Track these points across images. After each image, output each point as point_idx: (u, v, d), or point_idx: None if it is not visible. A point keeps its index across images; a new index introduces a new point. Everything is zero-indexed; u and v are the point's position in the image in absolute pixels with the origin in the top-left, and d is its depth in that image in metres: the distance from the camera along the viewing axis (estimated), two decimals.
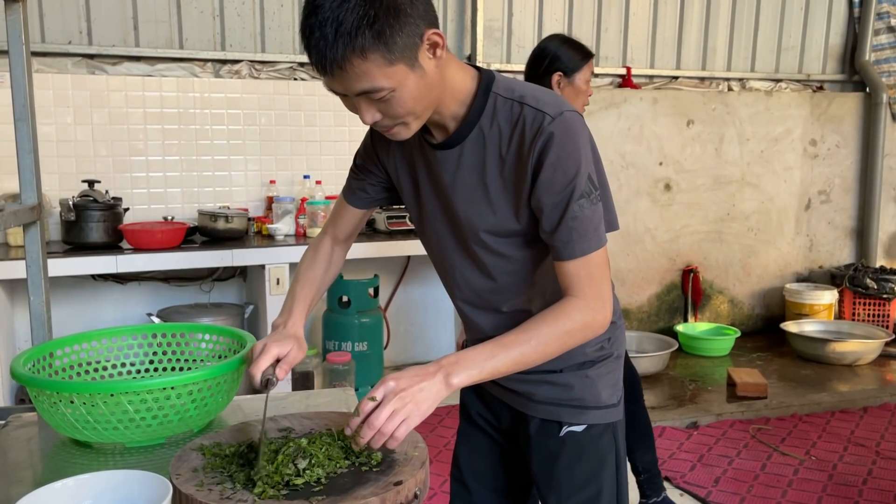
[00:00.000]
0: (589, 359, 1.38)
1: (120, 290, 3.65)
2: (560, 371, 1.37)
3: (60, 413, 1.19)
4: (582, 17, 4.41)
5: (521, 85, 1.24)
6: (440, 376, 1.11)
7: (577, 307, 1.20)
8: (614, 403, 1.42)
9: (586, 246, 1.20)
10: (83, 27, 3.49)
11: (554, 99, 1.22)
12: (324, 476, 1.02)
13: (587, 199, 1.18)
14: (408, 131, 1.19)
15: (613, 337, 1.43)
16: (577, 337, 1.21)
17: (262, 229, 3.63)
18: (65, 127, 3.46)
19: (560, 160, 1.17)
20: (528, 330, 1.19)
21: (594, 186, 1.20)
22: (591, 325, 1.21)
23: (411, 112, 1.14)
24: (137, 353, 1.47)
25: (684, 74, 4.66)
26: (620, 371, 1.46)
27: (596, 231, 1.20)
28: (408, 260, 4.12)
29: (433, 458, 3.05)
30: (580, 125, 1.21)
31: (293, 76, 3.84)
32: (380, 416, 1.05)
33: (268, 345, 1.26)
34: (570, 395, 1.38)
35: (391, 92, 1.09)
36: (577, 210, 1.18)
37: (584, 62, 2.33)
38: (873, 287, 4.63)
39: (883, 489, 2.83)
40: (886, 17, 4.96)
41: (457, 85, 1.21)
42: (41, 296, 1.66)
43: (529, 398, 1.41)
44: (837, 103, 4.98)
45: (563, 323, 1.20)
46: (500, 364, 1.16)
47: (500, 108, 1.21)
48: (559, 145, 1.17)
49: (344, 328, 3.68)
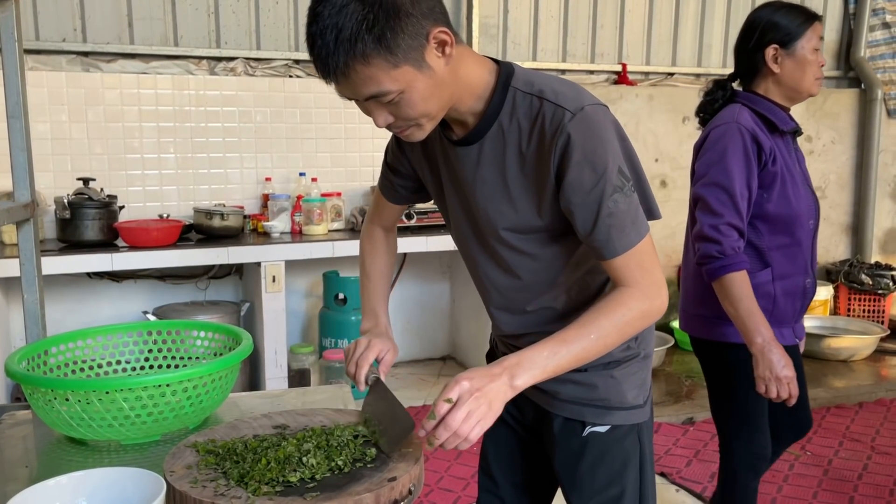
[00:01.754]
0: (614, 359, 1.34)
1: (116, 288, 3.64)
2: (585, 370, 1.33)
3: (55, 410, 1.19)
4: (578, 13, 4.41)
5: (540, 78, 1.20)
6: (505, 378, 1.10)
7: (633, 296, 1.18)
8: (640, 404, 1.37)
9: (627, 240, 1.17)
10: (78, 25, 3.48)
11: (574, 92, 1.18)
12: (318, 473, 1.02)
13: (621, 193, 1.14)
14: (421, 132, 1.16)
15: (641, 336, 1.38)
16: (636, 326, 1.20)
17: (258, 227, 3.62)
18: (60, 125, 3.45)
19: (586, 159, 1.13)
20: (587, 324, 1.17)
21: (626, 178, 1.16)
22: (650, 312, 1.20)
23: (423, 113, 1.12)
24: (133, 350, 1.47)
25: (680, 71, 4.66)
26: (648, 371, 1.41)
27: (634, 223, 1.17)
28: (404, 257, 4.12)
29: (429, 454, 3.06)
30: (603, 118, 1.17)
31: (288, 73, 3.83)
32: (455, 417, 1.05)
33: (371, 343, 1.35)
34: (594, 395, 1.34)
35: (399, 94, 1.08)
36: (611, 206, 1.14)
37: (805, 26, 1.90)
38: (869, 283, 4.64)
39: (878, 484, 2.84)
40: (882, 13, 4.97)
41: (474, 80, 1.18)
42: (35, 293, 1.66)
43: (554, 396, 1.37)
44: (833, 100, 4.98)
45: (622, 313, 1.17)
46: (562, 361, 1.14)
47: (519, 102, 1.18)
48: (583, 144, 1.13)
49: (340, 325, 3.68)
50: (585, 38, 4.45)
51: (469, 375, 1.09)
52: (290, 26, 3.83)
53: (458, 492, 2.77)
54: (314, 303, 4.01)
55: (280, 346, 3.41)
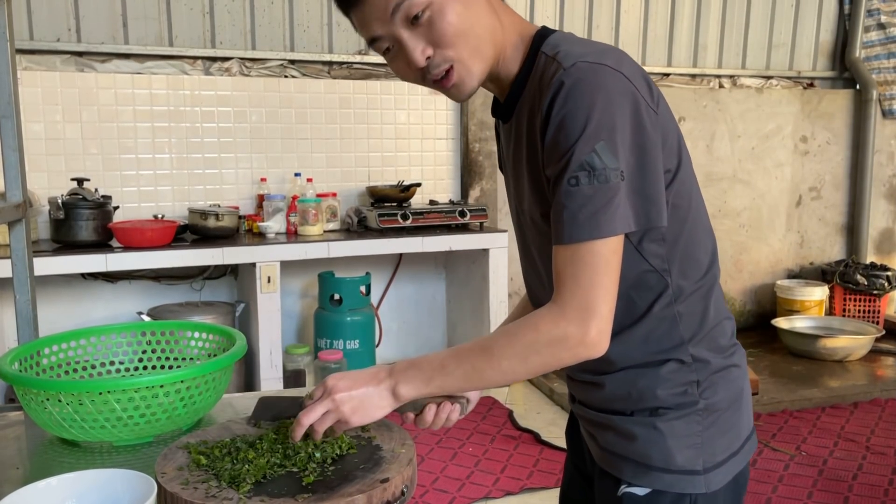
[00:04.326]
0: (662, 404, 1.06)
1: (110, 288, 3.63)
2: (630, 414, 1.08)
3: (47, 412, 1.18)
4: (573, 14, 4.41)
5: (567, 39, 1.03)
6: (388, 384, 1.02)
7: (547, 317, 0.96)
8: (696, 470, 1.06)
9: (575, 231, 0.93)
10: (72, 25, 3.47)
11: (583, 49, 0.98)
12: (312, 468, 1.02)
13: (587, 174, 0.92)
14: (469, 76, 1.01)
15: (707, 382, 1.07)
16: (545, 355, 0.96)
17: (253, 227, 3.62)
18: (53, 125, 3.44)
19: (564, 119, 0.93)
20: (490, 339, 1.00)
21: (606, 159, 0.92)
22: (565, 341, 0.94)
23: (464, 34, 0.98)
24: (126, 351, 1.46)
25: (675, 71, 4.67)
26: (717, 429, 1.08)
27: (594, 216, 0.92)
28: (400, 258, 4.12)
29: (424, 455, 3.05)
30: (603, 79, 0.93)
31: (284, 73, 3.83)
32: (309, 414, 1.02)
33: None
34: (632, 448, 1.08)
35: (428, 7, 0.96)
36: (569, 185, 0.93)
37: None
38: (864, 283, 4.64)
39: (873, 484, 2.85)
40: (877, 13, 4.98)
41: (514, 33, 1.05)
42: (27, 294, 1.65)
43: (595, 440, 1.15)
44: (828, 100, 4.99)
45: (526, 335, 0.96)
46: (450, 378, 1.00)
47: (540, 68, 1.01)
48: (564, 98, 0.93)
49: (336, 326, 3.67)
50: None
51: (338, 376, 1.03)
52: (286, 26, 3.82)
53: (453, 492, 2.77)
54: (309, 303, 4.00)
55: (275, 346, 3.41)
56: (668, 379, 1.06)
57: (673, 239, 1.04)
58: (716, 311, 1.10)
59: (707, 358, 1.08)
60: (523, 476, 2.90)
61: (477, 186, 4.17)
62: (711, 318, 1.09)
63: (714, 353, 1.09)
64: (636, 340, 1.07)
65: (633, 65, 0.99)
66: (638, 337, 1.06)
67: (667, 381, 1.06)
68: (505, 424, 3.40)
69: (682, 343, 1.06)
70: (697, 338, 1.07)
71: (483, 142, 4.15)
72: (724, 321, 1.12)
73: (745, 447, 1.12)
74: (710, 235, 1.11)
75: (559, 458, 3.04)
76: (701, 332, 1.08)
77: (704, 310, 1.08)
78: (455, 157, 4.19)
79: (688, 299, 1.07)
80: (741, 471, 1.11)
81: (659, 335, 1.06)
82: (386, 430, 1.15)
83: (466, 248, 3.73)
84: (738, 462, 1.10)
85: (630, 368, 1.08)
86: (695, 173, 1.10)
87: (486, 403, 3.62)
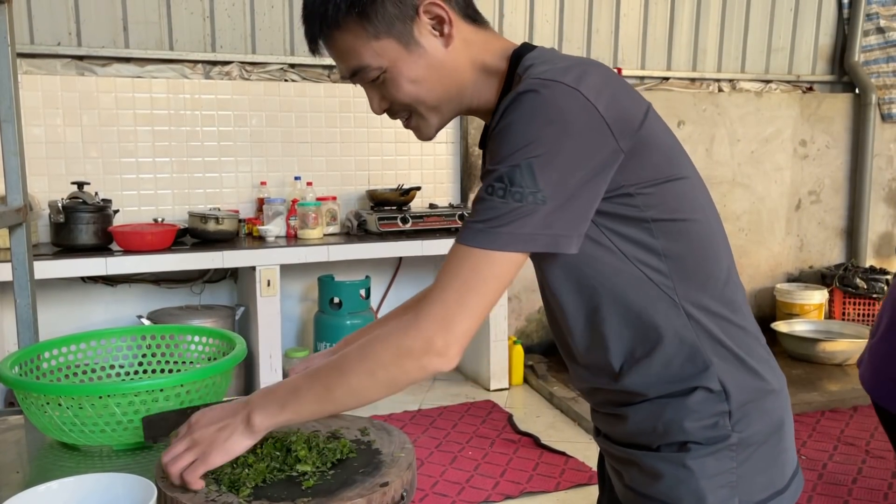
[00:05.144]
0: (691, 438, 0.96)
1: (110, 292, 3.63)
2: (656, 449, 0.98)
3: (48, 416, 1.18)
4: (573, 17, 4.41)
5: (540, 56, 0.97)
6: (242, 416, 0.96)
7: (400, 325, 0.90)
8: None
9: (469, 236, 0.88)
10: (72, 28, 3.48)
11: (549, 66, 0.92)
12: (311, 472, 1.02)
13: (505, 189, 0.86)
14: (427, 126, 1.02)
15: (740, 413, 0.97)
16: (391, 369, 0.89)
17: (253, 231, 3.62)
18: (54, 128, 3.44)
19: (502, 130, 0.89)
20: (342, 356, 0.93)
21: (527, 180, 0.86)
22: (411, 351, 0.88)
23: (415, 99, 0.98)
24: (126, 355, 1.46)
25: (675, 75, 4.68)
26: (754, 467, 0.98)
27: (493, 228, 0.87)
28: (399, 261, 4.12)
29: (424, 459, 3.05)
30: (553, 95, 0.87)
31: (284, 77, 3.83)
32: (169, 452, 0.98)
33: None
34: (657, 487, 0.98)
35: (382, 73, 0.96)
36: (486, 192, 0.88)
37: None
38: (863, 287, 4.65)
39: (872, 488, 2.85)
40: (875, 18, 4.99)
41: (490, 70, 1.00)
42: (27, 298, 1.65)
43: (620, 478, 1.05)
44: (827, 104, 5.00)
45: (374, 347, 0.90)
46: (302, 401, 0.93)
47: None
48: (511, 110, 0.89)
49: (335, 329, 3.67)
50: (581, 43, 4.46)
51: (205, 410, 1.00)
52: (286, 30, 3.83)
53: (452, 496, 2.77)
54: (309, 307, 4.00)
55: (275, 350, 3.41)
56: (696, 410, 0.96)
57: (677, 254, 0.96)
58: (742, 331, 1.01)
59: (738, 384, 0.98)
60: (523, 480, 2.90)
61: (477, 190, 4.17)
62: (738, 339, 1.00)
63: (746, 379, 0.99)
64: (656, 367, 0.98)
65: (604, 81, 0.92)
66: (657, 363, 0.98)
67: (695, 413, 0.96)
68: (504, 428, 3.40)
69: (707, 367, 0.97)
70: (725, 362, 0.98)
71: None
72: (752, 343, 1.03)
73: (791, 486, 1.02)
74: (725, 251, 1.03)
75: (559, 462, 3.04)
76: (728, 355, 0.99)
77: (726, 330, 0.99)
78: (455, 160, 4.19)
79: (705, 319, 0.98)
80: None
81: (682, 360, 0.97)
82: (385, 435, 1.15)
83: None
84: (784, 502, 1.00)
85: (655, 399, 0.99)
86: (705, 187, 1.03)
87: (485, 407, 3.62)
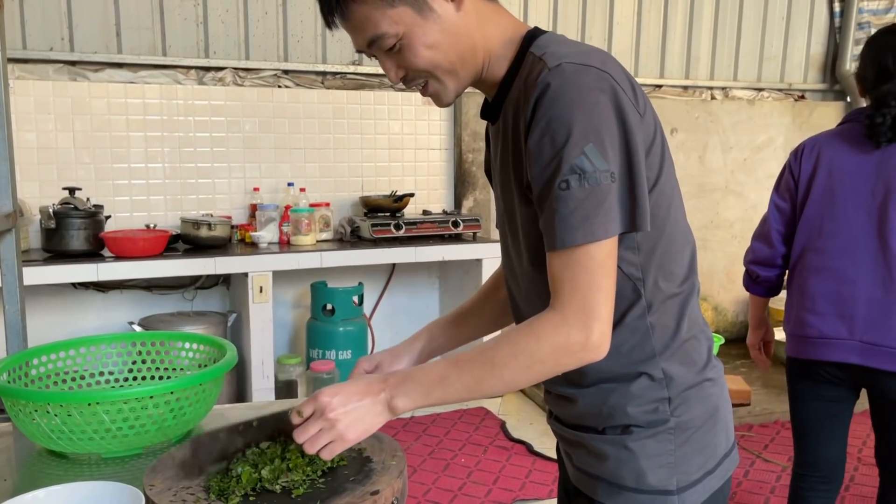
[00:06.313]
0: (633, 422, 1.04)
1: (101, 298, 3.61)
2: (601, 431, 1.07)
3: (36, 423, 1.17)
4: (566, 25, 4.43)
5: (555, 40, 1.03)
6: (384, 397, 0.98)
7: (548, 324, 0.94)
8: (670, 490, 1.04)
9: (568, 235, 0.92)
10: (65, 34, 3.47)
11: (569, 49, 0.98)
12: (300, 480, 1.01)
13: (577, 177, 0.91)
14: (445, 91, 1.05)
15: (679, 399, 1.05)
16: (548, 363, 0.95)
17: (246, 237, 3.61)
18: (46, 134, 3.42)
19: (550, 122, 0.92)
20: (490, 349, 0.96)
21: (595, 162, 0.91)
22: (569, 348, 0.93)
23: (431, 63, 1.01)
24: (117, 362, 1.46)
25: (668, 83, 4.69)
26: (691, 448, 1.06)
27: (587, 219, 0.91)
28: (393, 268, 4.11)
29: (417, 467, 3.04)
30: (587, 80, 0.93)
31: (277, 83, 3.83)
32: (303, 434, 0.98)
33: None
34: (603, 467, 1.07)
35: (399, 40, 0.99)
36: (560, 190, 0.92)
37: None
38: None
39: (864, 495, 2.85)
40: (867, 26, 5.02)
41: (500, 41, 1.05)
42: (17, 304, 1.64)
43: (570, 458, 1.14)
44: (819, 112, 5.02)
45: (528, 344, 0.94)
46: (450, 390, 0.97)
47: (526, 68, 1.01)
48: (551, 101, 0.92)
49: (328, 336, 3.66)
50: None
51: (333, 391, 0.99)
52: (279, 36, 3.83)
53: None
54: (302, 313, 3.99)
55: (267, 356, 3.40)
56: (638, 396, 1.04)
57: (649, 248, 1.02)
58: (690, 323, 1.08)
59: (679, 373, 1.06)
60: (516, 487, 2.89)
61: (470, 197, 4.17)
62: (685, 332, 1.07)
63: (687, 368, 1.07)
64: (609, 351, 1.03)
65: (619, 67, 0.99)
66: (610, 347, 1.01)
67: (637, 398, 1.04)
68: (497, 435, 3.39)
69: (653, 356, 1.04)
70: (669, 351, 1.05)
71: (476, 152, 4.16)
72: (698, 335, 1.10)
73: (722, 464, 1.10)
74: (688, 246, 1.09)
75: (552, 469, 3.03)
76: (673, 345, 1.06)
77: (678, 322, 1.06)
78: (448, 167, 4.19)
79: (661, 310, 1.05)
80: (719, 488, 1.10)
81: (631, 346, 1.04)
82: (376, 442, 1.14)
83: (460, 259, 3.73)
84: (715, 480, 1.09)
85: (602, 383, 1.06)
86: (678, 182, 1.08)
87: (478, 414, 3.61)
